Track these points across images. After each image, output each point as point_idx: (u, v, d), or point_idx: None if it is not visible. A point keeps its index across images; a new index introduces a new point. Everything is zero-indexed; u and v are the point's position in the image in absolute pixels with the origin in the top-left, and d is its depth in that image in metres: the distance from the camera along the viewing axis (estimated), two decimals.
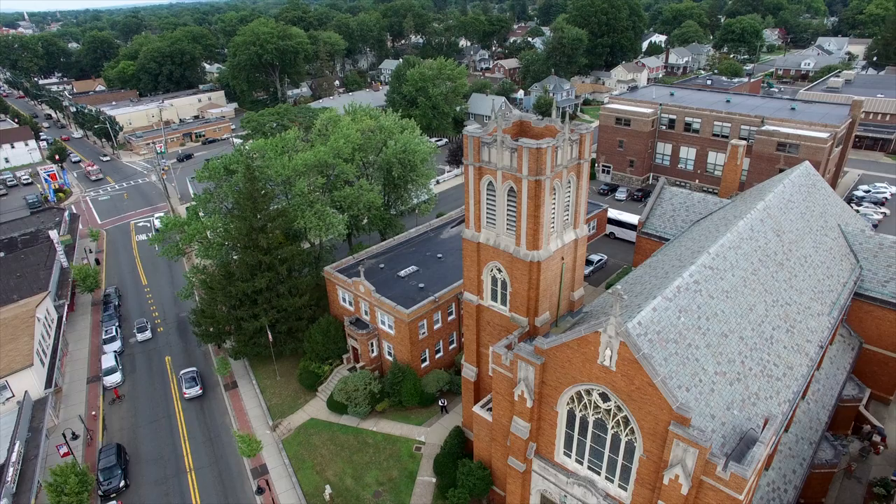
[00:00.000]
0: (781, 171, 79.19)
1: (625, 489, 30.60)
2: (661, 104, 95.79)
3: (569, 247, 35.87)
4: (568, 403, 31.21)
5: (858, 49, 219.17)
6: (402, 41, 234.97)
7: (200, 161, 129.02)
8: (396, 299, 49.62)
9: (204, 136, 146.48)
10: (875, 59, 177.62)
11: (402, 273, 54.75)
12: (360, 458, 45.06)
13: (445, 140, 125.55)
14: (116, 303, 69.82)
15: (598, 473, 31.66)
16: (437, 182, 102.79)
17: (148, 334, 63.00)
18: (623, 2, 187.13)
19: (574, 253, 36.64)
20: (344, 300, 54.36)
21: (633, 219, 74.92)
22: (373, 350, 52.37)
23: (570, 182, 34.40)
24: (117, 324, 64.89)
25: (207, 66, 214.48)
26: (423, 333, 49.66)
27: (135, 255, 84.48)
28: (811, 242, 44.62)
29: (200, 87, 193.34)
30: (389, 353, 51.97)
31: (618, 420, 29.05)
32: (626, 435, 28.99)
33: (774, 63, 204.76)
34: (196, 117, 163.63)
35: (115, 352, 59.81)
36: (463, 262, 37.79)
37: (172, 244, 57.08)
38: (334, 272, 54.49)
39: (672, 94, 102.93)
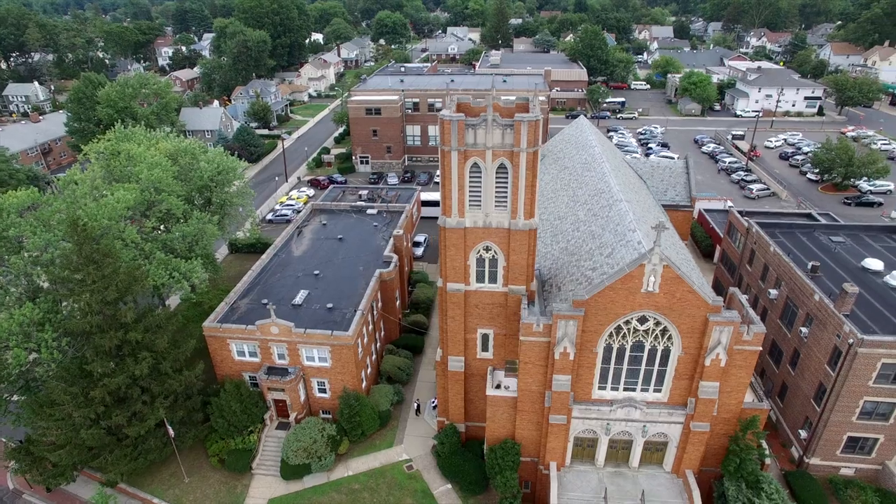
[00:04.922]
0: None
1: (660, 391, 36.28)
2: (402, 90, 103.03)
3: None
4: (606, 340, 34.84)
5: (475, 35, 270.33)
6: (23, 59, 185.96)
7: None
8: (316, 328, 44.11)
9: None
10: (500, 41, 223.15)
11: (297, 301, 48.23)
12: None
13: None
14: None
15: (635, 390, 36.53)
16: None
17: None
18: (290, 1, 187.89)
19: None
20: (243, 353, 45.07)
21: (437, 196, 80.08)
22: (301, 395, 45.45)
23: None
24: None
25: None
26: (361, 352, 45.67)
27: None
28: (625, 173, 57.43)
29: None
30: (323, 391, 45.98)
31: (656, 334, 34.18)
32: (664, 343, 34.39)
33: (427, 49, 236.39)
34: None
35: None
36: (444, 254, 36.77)
37: None
38: (218, 325, 44.55)
39: (402, 81, 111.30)
